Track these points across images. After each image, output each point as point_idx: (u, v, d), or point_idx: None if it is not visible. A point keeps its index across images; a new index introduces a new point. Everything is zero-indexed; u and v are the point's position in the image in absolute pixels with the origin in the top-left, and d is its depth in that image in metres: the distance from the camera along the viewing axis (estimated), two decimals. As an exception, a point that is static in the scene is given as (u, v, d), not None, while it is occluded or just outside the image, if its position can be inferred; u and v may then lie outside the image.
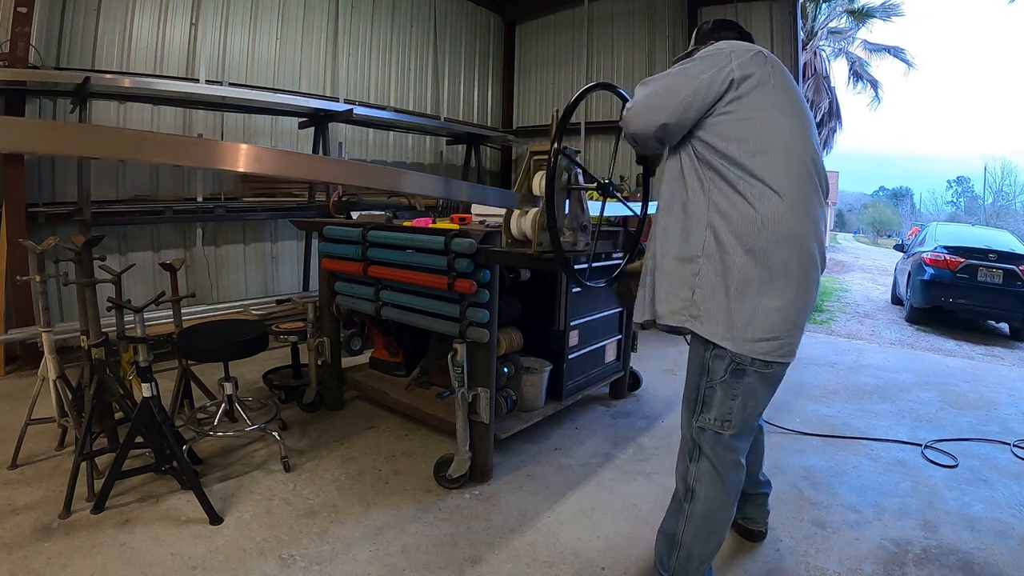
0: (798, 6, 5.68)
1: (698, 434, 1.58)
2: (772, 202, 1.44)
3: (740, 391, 1.52)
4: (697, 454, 1.59)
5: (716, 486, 1.57)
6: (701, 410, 1.57)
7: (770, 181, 1.45)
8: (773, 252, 1.45)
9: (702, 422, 1.57)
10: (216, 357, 2.53)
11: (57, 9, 3.89)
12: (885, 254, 22.13)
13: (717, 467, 1.57)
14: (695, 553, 1.59)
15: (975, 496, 2.45)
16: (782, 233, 1.45)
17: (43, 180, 3.97)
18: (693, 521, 1.59)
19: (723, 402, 1.53)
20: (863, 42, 15.44)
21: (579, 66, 6.91)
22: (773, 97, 1.49)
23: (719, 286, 1.48)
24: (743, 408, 1.54)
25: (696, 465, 1.59)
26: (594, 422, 3.14)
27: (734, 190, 1.47)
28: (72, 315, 3.93)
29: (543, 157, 1.96)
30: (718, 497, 1.58)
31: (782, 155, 1.47)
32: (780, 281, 1.47)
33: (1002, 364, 5.31)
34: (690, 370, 1.62)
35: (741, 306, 1.47)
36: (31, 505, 2.12)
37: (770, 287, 1.46)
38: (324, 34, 5.57)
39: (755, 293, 1.46)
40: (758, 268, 1.45)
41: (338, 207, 3.26)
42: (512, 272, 2.63)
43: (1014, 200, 36.78)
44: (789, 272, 1.47)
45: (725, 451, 1.56)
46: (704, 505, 1.58)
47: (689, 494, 1.60)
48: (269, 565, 1.85)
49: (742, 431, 1.57)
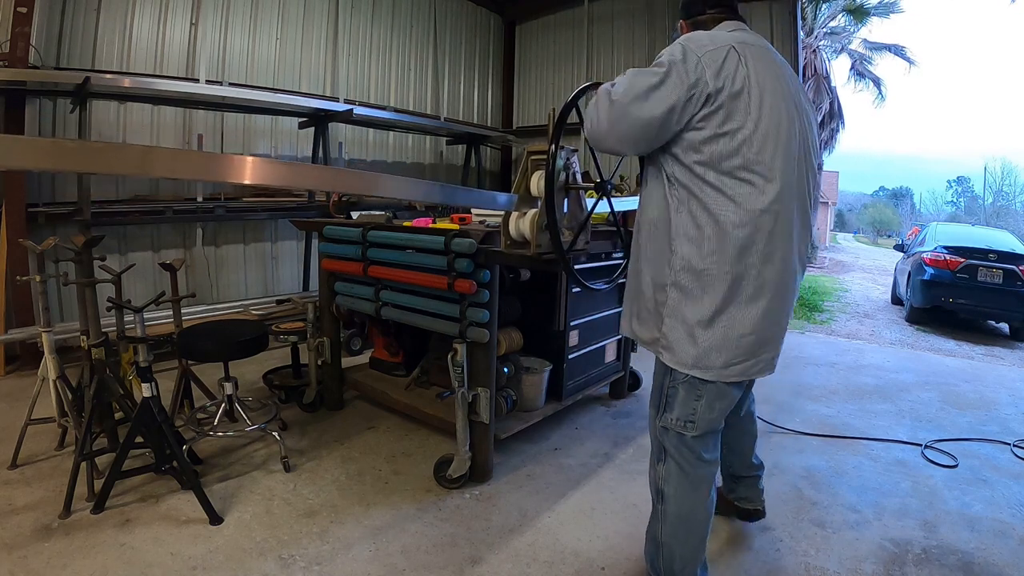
0: (798, 6, 5.68)
1: (661, 434, 1.56)
2: (748, 221, 1.37)
3: (704, 392, 1.48)
4: (663, 455, 1.57)
5: (683, 486, 1.55)
6: (664, 410, 1.54)
7: (747, 198, 1.37)
8: (745, 275, 1.40)
9: (665, 422, 1.54)
10: (216, 357, 2.52)
11: (57, 9, 3.89)
12: (885, 254, 22.13)
13: (683, 467, 1.54)
14: (677, 553, 1.58)
15: (975, 496, 2.45)
16: (757, 253, 1.39)
17: (43, 180, 3.96)
18: (668, 522, 1.58)
19: (686, 402, 1.50)
20: (863, 41, 15.46)
21: (579, 66, 6.91)
22: (753, 101, 1.36)
23: (686, 316, 1.44)
24: (709, 410, 1.50)
25: (663, 466, 1.57)
26: (594, 422, 3.14)
27: (707, 212, 1.39)
28: (72, 315, 3.93)
29: (541, 157, 1.96)
30: (687, 496, 1.55)
31: (763, 167, 1.37)
32: (751, 304, 1.42)
33: (1002, 364, 5.31)
34: (656, 369, 1.59)
35: (709, 335, 1.42)
36: (31, 505, 2.12)
37: (740, 312, 1.42)
38: (324, 34, 5.57)
39: (725, 321, 1.42)
40: (728, 294, 1.40)
41: (338, 207, 3.25)
42: (512, 272, 2.63)
43: (1014, 200, 36.78)
44: (761, 293, 1.42)
45: (689, 452, 1.54)
46: (675, 505, 1.56)
47: (659, 496, 1.59)
48: (269, 565, 1.85)
49: (707, 431, 1.53)
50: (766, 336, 1.47)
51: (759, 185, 1.37)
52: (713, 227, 1.39)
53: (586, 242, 2.16)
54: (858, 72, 15.63)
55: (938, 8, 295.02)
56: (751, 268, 1.40)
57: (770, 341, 1.49)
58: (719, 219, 1.38)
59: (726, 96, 1.35)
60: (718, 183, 1.38)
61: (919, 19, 53.62)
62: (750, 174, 1.37)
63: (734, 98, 1.35)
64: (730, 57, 1.37)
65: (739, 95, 1.36)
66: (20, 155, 0.84)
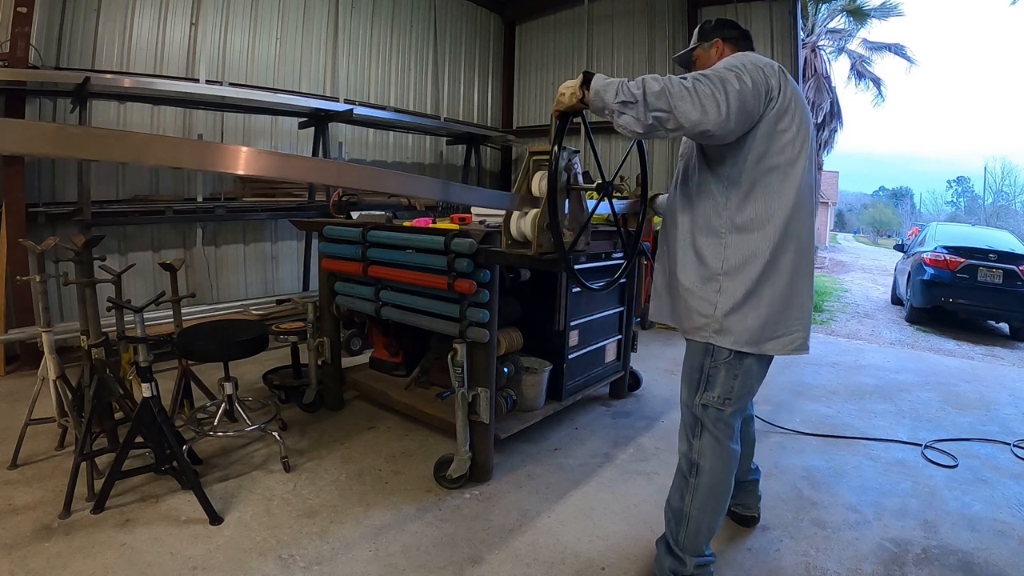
0: (798, 6, 5.67)
1: (701, 411, 1.67)
2: (788, 212, 1.54)
3: (741, 371, 1.63)
4: (699, 430, 1.68)
5: (719, 459, 1.67)
6: (705, 388, 1.66)
7: (788, 194, 1.55)
8: (789, 258, 1.56)
9: (706, 399, 1.66)
10: (216, 357, 2.52)
11: (57, 9, 3.89)
12: (885, 254, 22.14)
13: (720, 440, 1.66)
14: (703, 525, 1.68)
15: (975, 496, 2.45)
16: (795, 238, 1.56)
17: (43, 180, 3.97)
18: (700, 494, 1.67)
19: (726, 381, 1.63)
20: (863, 41, 15.45)
21: (579, 66, 6.90)
22: (796, 113, 1.56)
23: (740, 301, 1.57)
24: (743, 386, 1.65)
25: (699, 441, 1.68)
26: (594, 422, 3.14)
27: (754, 205, 1.55)
28: (72, 315, 3.93)
29: (543, 157, 1.96)
30: (721, 469, 1.67)
31: (797, 168, 1.56)
32: (795, 284, 1.59)
33: (1002, 364, 5.31)
34: (692, 350, 1.70)
35: (762, 315, 1.57)
36: (31, 505, 2.12)
37: (788, 291, 1.58)
38: (324, 34, 5.57)
39: (776, 301, 1.57)
40: (777, 276, 1.56)
41: (338, 207, 3.25)
42: (512, 272, 2.63)
43: (1014, 200, 36.80)
44: (801, 273, 1.60)
45: (725, 426, 1.67)
46: (709, 477, 1.67)
47: (694, 469, 1.69)
48: (269, 565, 1.85)
49: (739, 408, 1.68)
50: (802, 312, 1.63)
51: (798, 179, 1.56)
52: (761, 216, 1.55)
53: (587, 242, 2.16)
54: (858, 72, 15.62)
55: (938, 8, 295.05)
56: (789, 251, 1.57)
57: (803, 318, 1.63)
58: (765, 208, 1.55)
59: (779, 101, 1.52)
60: (766, 176, 1.55)
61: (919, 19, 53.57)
62: (792, 169, 1.55)
63: (785, 104, 1.53)
64: (780, 73, 1.56)
65: (788, 103, 1.54)
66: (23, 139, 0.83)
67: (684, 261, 1.69)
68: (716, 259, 1.61)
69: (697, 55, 1.83)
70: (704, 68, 1.71)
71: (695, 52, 1.84)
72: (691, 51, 1.85)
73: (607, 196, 1.90)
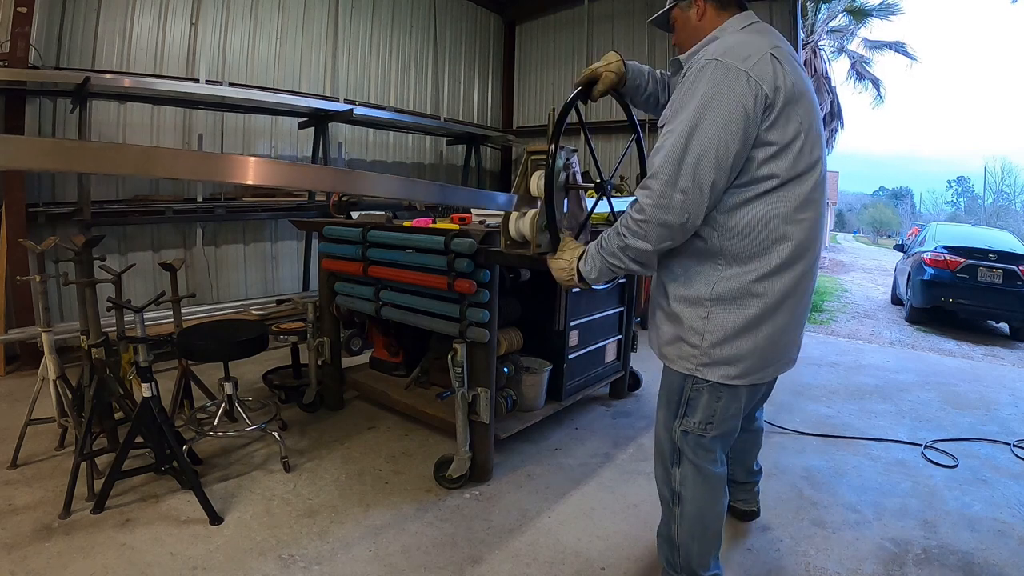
0: (798, 6, 5.68)
1: (680, 438, 1.55)
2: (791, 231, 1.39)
3: (725, 394, 1.49)
4: (678, 458, 1.57)
5: (700, 486, 1.56)
6: (685, 413, 1.54)
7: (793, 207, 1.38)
8: (786, 283, 1.41)
9: (686, 425, 1.54)
10: (216, 357, 2.52)
11: (57, 9, 3.89)
12: (885, 254, 22.14)
13: (700, 468, 1.55)
14: (694, 550, 1.60)
15: (975, 496, 2.45)
16: (796, 260, 1.41)
17: (43, 180, 3.97)
18: (685, 522, 1.59)
19: (708, 405, 1.51)
20: (863, 40, 15.46)
21: (579, 66, 6.90)
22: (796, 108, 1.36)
23: (731, 330, 1.43)
24: (726, 409, 1.51)
25: (678, 469, 1.58)
26: (594, 422, 3.14)
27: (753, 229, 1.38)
28: (72, 315, 3.93)
29: (541, 157, 1.96)
30: (704, 496, 1.57)
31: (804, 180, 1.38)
32: (788, 309, 1.44)
33: (1002, 364, 5.31)
34: (671, 374, 1.58)
35: (753, 345, 1.44)
36: (31, 505, 2.12)
37: (781, 319, 1.44)
38: (324, 34, 5.57)
39: (767, 329, 1.43)
40: (771, 304, 1.41)
41: (338, 207, 3.25)
42: (512, 272, 2.63)
43: (1014, 200, 36.81)
44: (798, 296, 1.45)
45: (705, 452, 1.54)
46: (693, 506, 1.57)
47: (676, 498, 1.59)
48: (269, 565, 1.85)
49: (723, 432, 1.55)
50: (796, 337, 1.55)
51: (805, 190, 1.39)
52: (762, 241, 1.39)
53: (586, 242, 2.15)
54: (857, 72, 15.63)
55: (938, 7, 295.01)
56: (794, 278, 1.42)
57: (796, 341, 1.56)
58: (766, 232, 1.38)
59: (779, 106, 1.33)
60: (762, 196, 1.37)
61: (919, 19, 53.52)
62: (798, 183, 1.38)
63: (784, 106, 1.33)
64: (773, 64, 1.34)
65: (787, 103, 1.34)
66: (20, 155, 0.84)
67: (667, 276, 1.54)
68: (705, 285, 1.44)
69: (675, 16, 1.59)
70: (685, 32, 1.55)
71: (672, 12, 1.60)
72: (668, 11, 1.62)
73: (605, 195, 1.90)
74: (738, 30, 1.46)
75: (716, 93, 1.30)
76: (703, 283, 1.45)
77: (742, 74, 1.30)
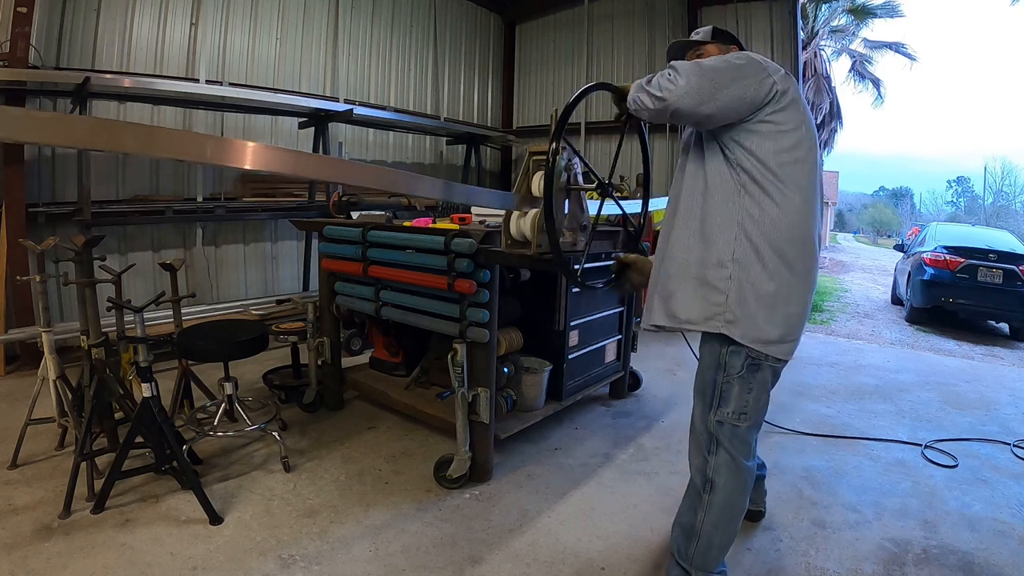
0: (798, 6, 5.67)
1: (716, 428, 1.63)
2: (797, 207, 1.53)
3: (755, 384, 1.59)
4: (715, 447, 1.64)
5: (735, 476, 1.63)
6: (719, 404, 1.62)
7: (796, 188, 1.53)
8: (797, 255, 1.54)
9: (721, 416, 1.62)
10: (216, 357, 2.52)
11: (57, 9, 3.89)
12: (885, 254, 22.13)
13: (735, 457, 1.62)
14: (715, 542, 1.65)
15: (975, 496, 2.45)
16: (803, 236, 1.54)
17: (43, 180, 3.97)
18: (714, 511, 1.64)
19: (740, 396, 1.59)
20: (864, 40, 15.46)
21: (579, 66, 6.91)
22: (802, 113, 1.56)
23: (753, 291, 1.53)
24: (757, 400, 1.61)
25: (715, 458, 1.64)
26: (594, 422, 3.14)
27: (767, 195, 1.52)
28: (72, 315, 3.93)
29: (542, 157, 1.96)
30: (736, 487, 1.64)
31: (806, 166, 1.55)
32: (802, 284, 1.57)
33: (1002, 364, 5.30)
34: (704, 365, 1.67)
35: (773, 311, 1.54)
36: (31, 505, 2.12)
37: (795, 290, 1.55)
38: (324, 34, 5.58)
39: (785, 297, 1.54)
40: (786, 272, 1.53)
41: (338, 207, 3.25)
42: (512, 272, 2.63)
43: (1014, 200, 36.80)
44: (807, 273, 1.57)
45: (741, 443, 1.63)
46: (724, 495, 1.63)
47: (708, 485, 1.65)
48: (269, 565, 1.85)
49: (755, 422, 1.64)
50: (805, 315, 1.61)
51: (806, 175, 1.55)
52: (773, 209, 1.52)
53: (587, 243, 2.16)
54: (857, 72, 15.63)
55: (938, 8, 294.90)
56: (801, 247, 1.55)
57: (804, 318, 1.61)
58: (778, 203, 1.52)
59: (788, 98, 1.53)
60: (784, 171, 1.52)
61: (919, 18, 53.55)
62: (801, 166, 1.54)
63: (793, 102, 1.54)
64: (787, 74, 1.56)
65: (796, 101, 1.54)
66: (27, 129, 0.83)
67: (689, 244, 1.62)
68: (726, 247, 1.55)
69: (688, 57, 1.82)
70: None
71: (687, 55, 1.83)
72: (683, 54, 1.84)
73: (608, 196, 1.90)
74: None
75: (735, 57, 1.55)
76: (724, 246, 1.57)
77: (758, 59, 1.53)
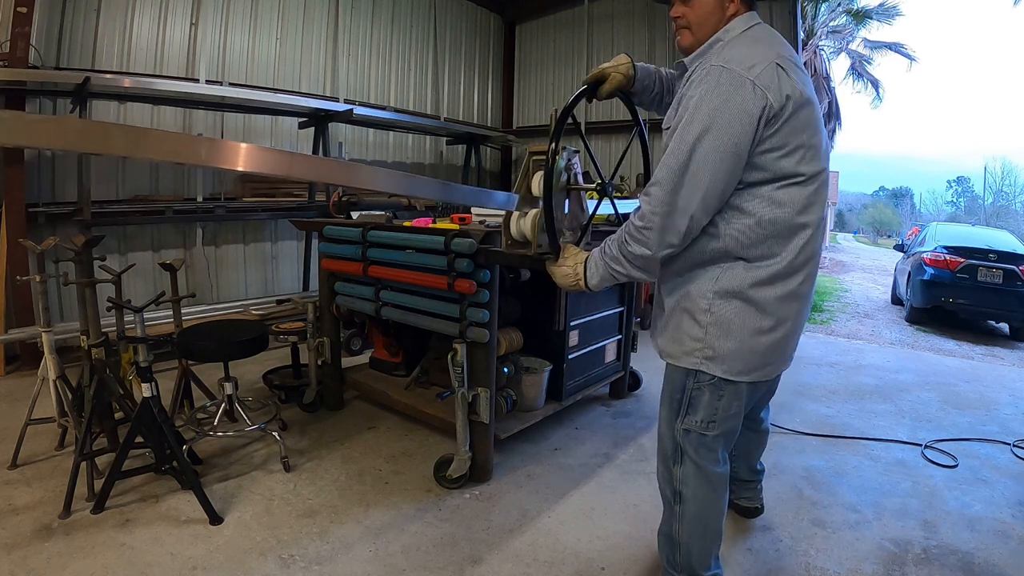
0: (798, 6, 5.68)
1: (682, 436, 1.56)
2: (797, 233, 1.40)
3: (727, 392, 1.50)
4: (680, 457, 1.58)
5: (703, 485, 1.57)
6: (687, 412, 1.54)
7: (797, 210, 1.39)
8: (790, 286, 1.43)
9: (688, 424, 1.54)
10: (216, 357, 2.52)
11: (57, 9, 3.89)
12: (885, 254, 22.13)
13: (701, 467, 1.55)
14: (695, 549, 1.61)
15: (975, 496, 2.45)
16: (800, 262, 1.42)
17: (43, 180, 3.97)
18: (687, 521, 1.59)
19: (710, 403, 1.51)
20: (863, 40, 15.47)
21: (579, 66, 6.91)
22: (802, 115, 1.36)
23: (734, 325, 1.44)
24: (727, 409, 1.52)
25: (680, 468, 1.58)
26: (594, 422, 3.14)
27: (759, 226, 1.39)
28: (72, 315, 3.92)
29: (542, 157, 1.96)
30: (706, 496, 1.57)
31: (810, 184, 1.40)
32: (793, 309, 1.46)
33: (1002, 364, 5.31)
34: (673, 373, 1.59)
35: (756, 343, 1.45)
36: (31, 505, 2.12)
37: (784, 318, 1.46)
38: (324, 34, 5.57)
39: (770, 327, 1.44)
40: (775, 302, 1.43)
41: (338, 207, 3.25)
42: (512, 272, 2.63)
43: (1014, 200, 36.83)
44: (801, 297, 1.48)
45: (708, 451, 1.55)
46: (694, 505, 1.58)
47: (677, 497, 1.60)
48: (269, 565, 1.85)
49: (725, 432, 1.55)
50: (797, 336, 1.55)
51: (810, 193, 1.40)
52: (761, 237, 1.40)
53: (587, 243, 2.16)
54: (857, 72, 15.64)
55: (938, 8, 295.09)
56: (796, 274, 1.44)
57: (796, 342, 1.56)
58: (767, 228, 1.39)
59: (785, 115, 1.33)
60: (780, 195, 1.38)
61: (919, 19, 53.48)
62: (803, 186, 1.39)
63: (791, 115, 1.34)
64: (779, 73, 1.34)
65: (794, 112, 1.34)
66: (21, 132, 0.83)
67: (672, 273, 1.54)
68: (709, 280, 1.45)
69: None
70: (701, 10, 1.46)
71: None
72: None
73: (607, 197, 1.90)
74: (741, 32, 1.45)
75: (721, 103, 1.31)
76: (707, 279, 1.46)
77: (747, 82, 1.31)
